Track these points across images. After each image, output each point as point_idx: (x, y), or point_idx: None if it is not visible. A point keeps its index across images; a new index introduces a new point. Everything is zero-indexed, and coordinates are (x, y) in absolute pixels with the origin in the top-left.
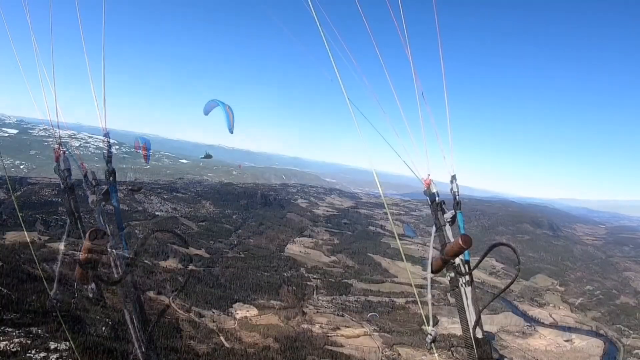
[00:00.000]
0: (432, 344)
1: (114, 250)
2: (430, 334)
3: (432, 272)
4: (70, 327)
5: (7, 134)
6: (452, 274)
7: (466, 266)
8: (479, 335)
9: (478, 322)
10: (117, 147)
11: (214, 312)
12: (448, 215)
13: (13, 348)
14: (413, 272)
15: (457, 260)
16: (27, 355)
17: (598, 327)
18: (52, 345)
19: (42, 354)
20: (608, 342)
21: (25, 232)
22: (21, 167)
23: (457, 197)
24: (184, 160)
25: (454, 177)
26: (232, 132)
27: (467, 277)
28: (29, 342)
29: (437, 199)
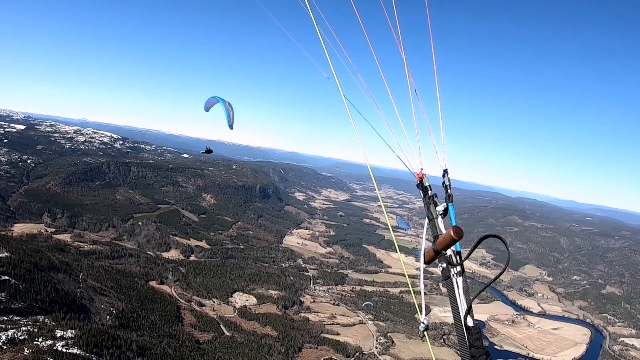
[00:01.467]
0: (425, 332)
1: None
2: (423, 323)
3: (425, 262)
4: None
5: (15, 130)
6: (444, 265)
7: (457, 257)
8: (470, 323)
9: (469, 311)
10: (121, 142)
11: (214, 301)
12: (440, 207)
13: (21, 336)
14: (406, 262)
15: (449, 252)
16: (35, 342)
17: (585, 315)
18: (59, 333)
19: (49, 342)
20: (594, 330)
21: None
22: (28, 161)
23: (449, 190)
24: (185, 155)
25: (446, 171)
26: (232, 127)
27: (459, 268)
28: (36, 330)
29: (429, 192)
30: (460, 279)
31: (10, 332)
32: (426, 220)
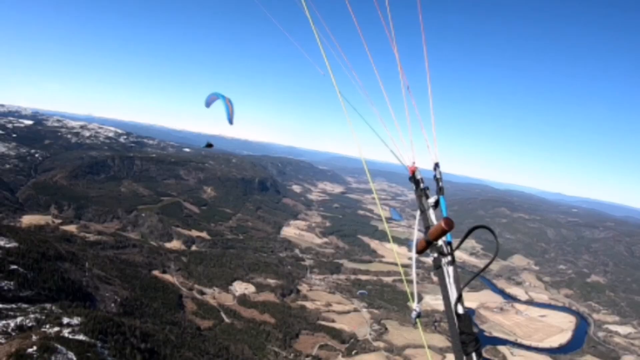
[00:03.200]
0: (417, 320)
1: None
2: (415, 310)
3: (417, 252)
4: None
5: (23, 125)
6: (435, 255)
7: (448, 247)
8: (460, 311)
9: (459, 299)
10: (126, 137)
11: (214, 290)
12: (432, 199)
13: (29, 323)
14: (399, 252)
15: (440, 242)
16: (42, 329)
17: (570, 303)
18: (65, 320)
19: (56, 328)
20: (580, 318)
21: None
22: (36, 155)
23: (440, 183)
24: (187, 149)
25: (437, 165)
26: (231, 123)
27: (449, 257)
28: (43, 317)
29: (421, 185)
30: (451, 268)
31: (18, 319)
32: (418, 212)
